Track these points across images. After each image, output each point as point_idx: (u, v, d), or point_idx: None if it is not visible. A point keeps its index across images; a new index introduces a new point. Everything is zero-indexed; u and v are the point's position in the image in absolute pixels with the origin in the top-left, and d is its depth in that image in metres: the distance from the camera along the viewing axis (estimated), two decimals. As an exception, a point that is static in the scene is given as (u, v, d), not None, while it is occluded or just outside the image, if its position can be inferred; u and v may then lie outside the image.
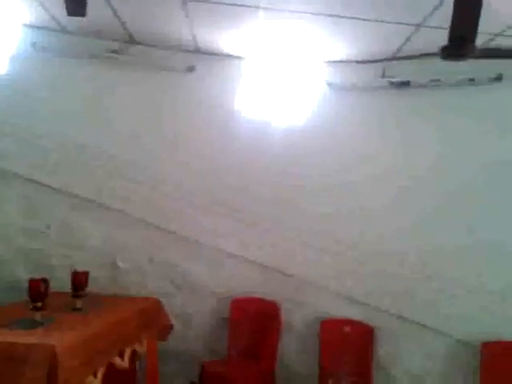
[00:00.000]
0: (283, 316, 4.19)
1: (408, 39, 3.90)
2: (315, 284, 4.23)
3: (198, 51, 4.66)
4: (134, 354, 3.64)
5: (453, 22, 2.67)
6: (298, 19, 3.76)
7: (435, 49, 2.98)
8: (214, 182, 4.57)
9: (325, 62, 4.55)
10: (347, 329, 4.02)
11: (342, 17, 3.66)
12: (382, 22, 3.69)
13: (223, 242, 4.46)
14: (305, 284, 4.25)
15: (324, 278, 4.24)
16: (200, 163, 4.60)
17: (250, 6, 3.63)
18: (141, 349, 3.75)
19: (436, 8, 3.30)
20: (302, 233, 4.36)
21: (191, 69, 4.62)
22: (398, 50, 4.10)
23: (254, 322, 4.20)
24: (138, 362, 3.96)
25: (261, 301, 4.24)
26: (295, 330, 4.22)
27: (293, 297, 4.25)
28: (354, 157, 4.38)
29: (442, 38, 2.91)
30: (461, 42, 2.76)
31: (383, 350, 4.00)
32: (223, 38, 4.34)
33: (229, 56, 4.66)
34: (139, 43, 4.59)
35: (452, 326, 3.87)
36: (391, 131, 4.32)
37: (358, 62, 4.37)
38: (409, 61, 4.16)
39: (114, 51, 4.52)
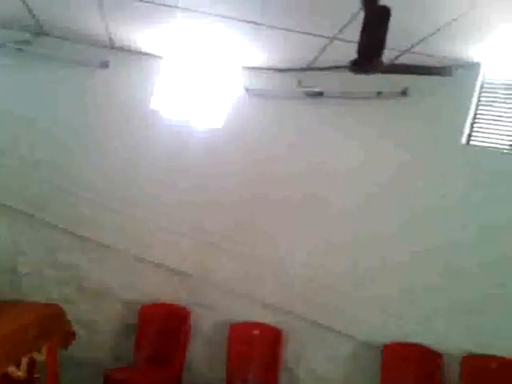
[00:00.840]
0: (193, 321, 4.15)
1: (323, 50, 4.04)
2: (226, 288, 4.23)
3: (113, 47, 4.51)
4: (32, 362, 3.42)
5: (361, 37, 2.79)
6: (218, 22, 3.76)
7: (347, 61, 3.12)
8: (126, 183, 4.44)
9: (243, 67, 4.60)
10: (256, 332, 4.05)
11: (259, 24, 3.70)
12: (299, 32, 3.79)
13: (132, 245, 4.35)
14: (216, 288, 4.24)
15: (235, 283, 4.25)
16: (113, 164, 4.46)
17: (169, 6, 3.57)
18: (40, 357, 3.54)
19: (349, 22, 3.43)
20: (215, 236, 4.34)
21: (105, 64, 4.46)
22: (314, 60, 4.22)
23: (162, 328, 4.12)
24: (37, 371, 3.73)
25: (170, 306, 4.17)
26: (205, 334, 4.20)
27: (203, 302, 4.22)
28: (269, 161, 4.44)
29: (354, 52, 3.06)
30: (368, 57, 2.89)
31: (290, 352, 4.08)
32: (141, 35, 4.22)
33: (146, 54, 4.55)
34: (50, 35, 4.36)
35: (356, 329, 4.01)
36: (306, 139, 4.43)
37: (274, 69, 4.44)
38: (324, 71, 4.30)
39: (22, 42, 4.26)
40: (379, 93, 4.21)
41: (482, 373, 3.60)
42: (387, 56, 3.65)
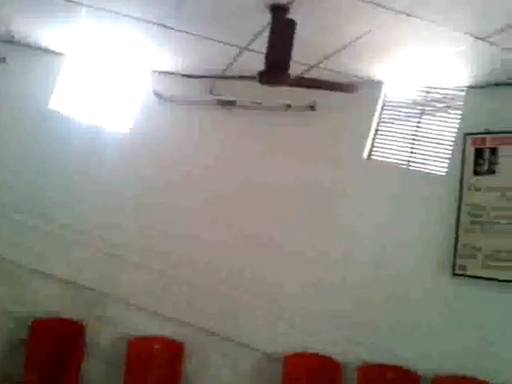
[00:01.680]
0: (89, 336, 3.89)
1: (235, 60, 4.03)
2: (127, 302, 4.02)
3: (11, 42, 4.19)
4: None
5: (268, 50, 2.81)
6: (126, 23, 3.61)
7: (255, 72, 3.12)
8: (19, 189, 4.13)
9: (153, 71, 4.48)
10: (156, 346, 3.89)
11: (171, 28, 3.61)
12: (212, 40, 3.75)
13: (24, 255, 4.02)
14: (115, 302, 4.03)
15: (137, 296, 4.06)
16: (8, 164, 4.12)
17: (73, 1, 3.37)
18: None
19: (260, 33, 3.45)
20: (114, 247, 4.14)
21: (1, 60, 4.13)
22: (226, 69, 4.20)
23: (55, 344, 3.82)
24: None
25: (63, 321, 3.88)
26: (102, 350, 3.94)
27: (101, 316, 3.99)
28: (178, 167, 4.34)
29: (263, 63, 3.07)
30: (275, 69, 2.91)
31: (192, 366, 3.96)
32: (42, 30, 3.97)
33: (48, 51, 4.28)
34: None
35: (260, 341, 3.99)
36: (216, 146, 4.39)
37: (184, 75, 4.37)
38: (236, 80, 4.28)
39: None
40: (289, 105, 4.28)
41: (377, 382, 3.72)
42: (296, 70, 3.76)
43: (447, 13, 2.92)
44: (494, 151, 3.74)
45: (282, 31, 2.67)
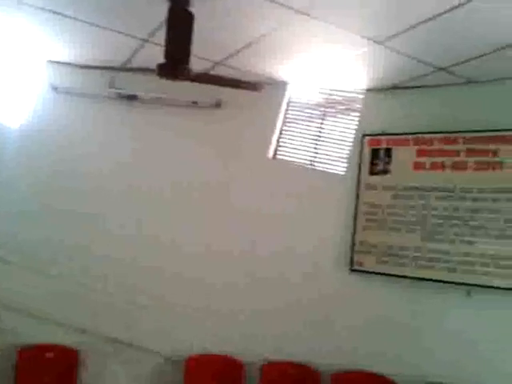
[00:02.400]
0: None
1: (136, 52, 3.86)
2: (13, 308, 3.72)
3: None
4: None
5: (166, 42, 2.70)
6: (21, 11, 3.32)
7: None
8: None
9: (48, 61, 4.18)
10: (49, 355, 3.64)
11: (68, 17, 3.37)
12: (112, 30, 3.56)
13: None
14: (3, 309, 3.70)
15: (27, 302, 3.77)
16: None
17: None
18: None
19: (161, 25, 3.33)
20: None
21: None
22: (127, 61, 4.02)
23: None
24: None
25: None
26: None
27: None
28: (78, 161, 4.13)
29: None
30: (175, 63, 2.82)
31: (88, 374, 3.76)
32: None
33: None
34: None
35: (159, 344, 3.89)
36: (117, 141, 4.21)
37: (81, 66, 4.11)
38: (139, 74, 4.12)
39: None
40: (195, 102, 4.20)
41: (280, 380, 3.76)
42: (201, 67, 3.69)
43: (345, 16, 3.00)
44: (388, 152, 3.94)
45: (179, 23, 2.57)
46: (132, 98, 4.15)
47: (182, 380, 3.68)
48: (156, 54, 3.17)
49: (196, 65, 3.01)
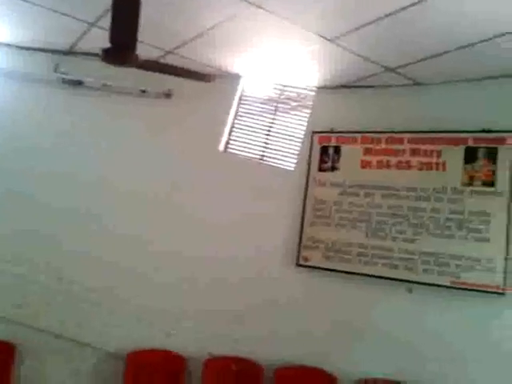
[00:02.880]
0: None
1: (82, 36, 3.71)
2: None
3: None
4: None
5: (112, 26, 2.60)
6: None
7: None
8: None
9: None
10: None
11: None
12: (58, 12, 3.40)
13: None
14: None
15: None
16: None
17: None
18: None
19: (109, 9, 3.20)
20: None
21: None
22: (73, 46, 3.87)
23: None
24: None
25: None
26: None
27: None
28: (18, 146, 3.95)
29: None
30: (120, 48, 2.71)
31: (26, 369, 3.60)
32: None
33: None
34: None
35: (101, 339, 3.78)
36: (59, 127, 4.05)
37: (24, 48, 3.92)
38: (85, 59, 3.97)
39: None
40: (143, 91, 4.09)
41: (223, 375, 3.73)
42: (151, 55, 3.59)
43: (298, 11, 2.98)
44: (337, 149, 3.98)
45: (125, 7, 2.47)
46: (77, 83, 3.99)
47: (122, 375, 3.58)
48: (103, 39, 3.06)
49: (146, 52, 2.92)
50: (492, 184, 3.40)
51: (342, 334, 3.66)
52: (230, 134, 4.31)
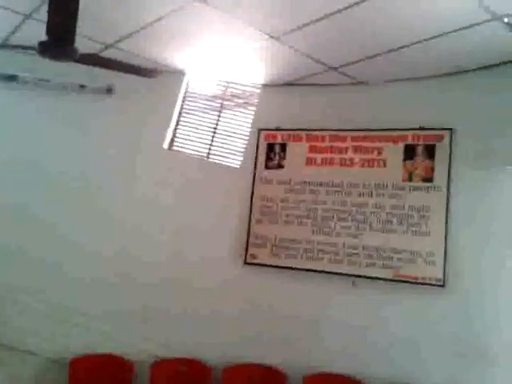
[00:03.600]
0: None
1: (18, 29, 3.51)
2: None
3: None
4: None
5: (49, 18, 2.47)
6: None
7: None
8: None
9: None
10: None
11: None
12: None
13: None
14: None
15: None
16: None
17: None
18: None
19: (44, 1, 3.05)
20: None
21: None
22: (7, 38, 3.65)
23: None
24: None
25: None
26: None
27: None
28: None
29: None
30: (58, 41, 2.59)
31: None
32: None
33: None
34: None
35: (41, 345, 3.62)
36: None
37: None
38: (21, 53, 3.76)
39: None
40: (82, 86, 3.93)
41: (172, 377, 3.67)
42: (91, 48, 3.45)
43: (243, 8, 2.97)
44: (283, 147, 4.01)
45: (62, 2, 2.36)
46: (11, 78, 3.78)
47: (66, 382, 3.44)
48: (40, 32, 2.91)
49: (85, 46, 2.80)
50: (431, 180, 3.54)
51: (289, 330, 3.69)
52: (174, 131, 4.23)
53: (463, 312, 3.29)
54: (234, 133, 4.23)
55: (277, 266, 3.80)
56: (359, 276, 3.59)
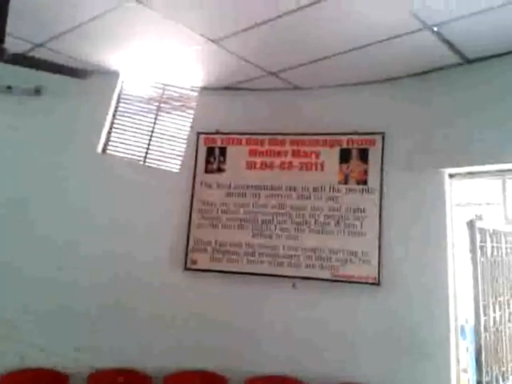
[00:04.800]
0: None
1: None
2: None
3: None
4: None
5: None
6: None
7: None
8: None
9: None
10: None
11: None
12: None
13: None
14: None
15: None
16: None
17: None
18: None
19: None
20: None
21: None
22: None
23: None
24: None
25: None
26: None
27: None
28: None
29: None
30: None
31: None
32: None
33: None
34: None
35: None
36: None
37: None
38: None
39: None
40: (9, 87, 3.70)
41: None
42: (19, 48, 3.26)
43: (180, 10, 2.93)
44: (223, 151, 3.99)
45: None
46: None
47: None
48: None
49: (12, 45, 2.63)
50: (365, 182, 3.67)
51: (231, 335, 3.67)
52: (109, 135, 4.09)
53: (397, 309, 3.44)
54: (172, 136, 4.15)
55: (218, 271, 3.78)
56: (299, 277, 3.65)
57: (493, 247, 3.29)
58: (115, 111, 4.12)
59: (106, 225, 3.85)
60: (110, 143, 4.08)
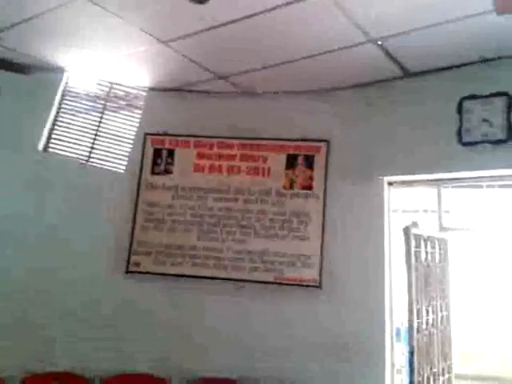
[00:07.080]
0: None
1: None
2: None
3: None
4: None
5: None
6: None
7: None
8: None
9: None
10: None
11: None
12: None
13: None
14: None
15: None
16: None
17: None
18: None
19: None
20: None
21: None
22: None
23: None
24: None
25: None
26: None
27: None
28: None
29: None
30: None
31: None
32: None
33: None
34: None
35: None
36: None
37: None
38: None
39: None
40: None
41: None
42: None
43: (131, 10, 2.91)
44: (171, 152, 3.96)
45: None
46: None
47: None
48: None
49: None
50: (310, 188, 3.76)
51: (173, 338, 3.64)
52: (51, 132, 3.96)
53: (337, 312, 3.53)
54: (118, 136, 4.07)
55: (161, 274, 3.74)
56: (243, 280, 3.68)
57: (427, 253, 3.44)
58: (59, 108, 4.00)
59: (44, 227, 3.73)
60: (52, 141, 3.95)
